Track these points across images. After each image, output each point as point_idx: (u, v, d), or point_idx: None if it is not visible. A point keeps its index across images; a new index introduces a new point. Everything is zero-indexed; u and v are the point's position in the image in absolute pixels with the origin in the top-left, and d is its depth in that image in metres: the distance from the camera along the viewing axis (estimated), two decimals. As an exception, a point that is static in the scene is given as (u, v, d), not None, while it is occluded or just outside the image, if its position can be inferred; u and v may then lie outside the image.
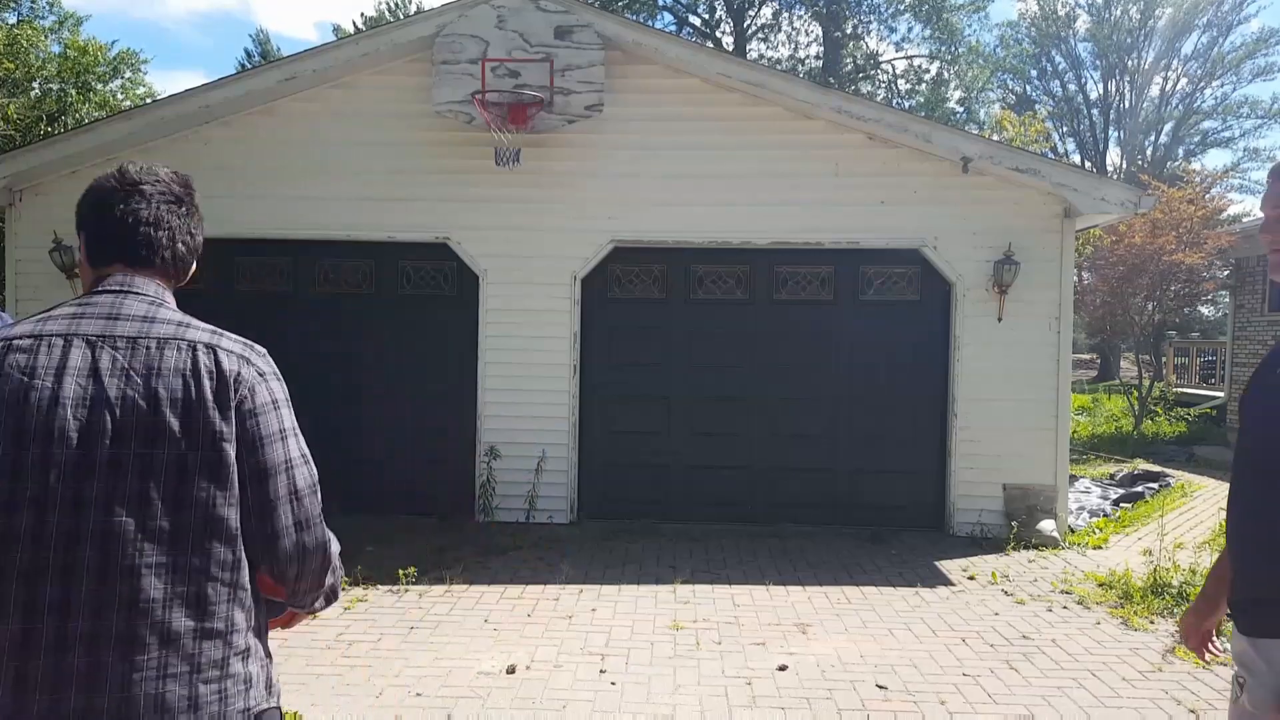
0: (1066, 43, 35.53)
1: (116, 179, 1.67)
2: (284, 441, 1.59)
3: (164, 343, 1.52)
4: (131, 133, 7.73)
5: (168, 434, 1.47)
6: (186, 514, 1.47)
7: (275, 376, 1.64)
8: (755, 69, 8.31)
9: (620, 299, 8.01)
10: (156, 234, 1.66)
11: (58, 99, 18.58)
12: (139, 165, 1.69)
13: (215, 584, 1.50)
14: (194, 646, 1.47)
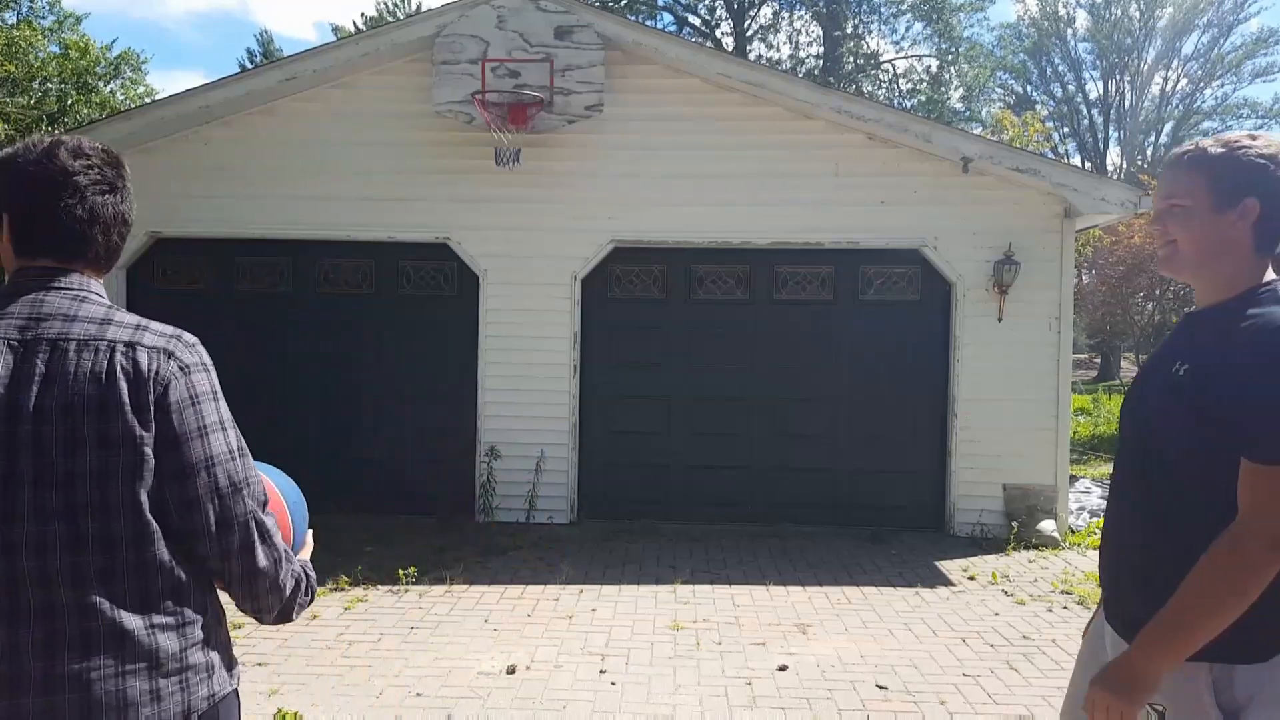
0: (1066, 43, 35.54)
1: (45, 165, 1.55)
2: (205, 438, 1.53)
3: (83, 345, 1.48)
4: (131, 133, 7.73)
5: (87, 443, 1.44)
6: (116, 519, 1.46)
7: (201, 368, 1.58)
8: (755, 69, 8.31)
9: (620, 299, 8.01)
10: (91, 230, 1.58)
11: (58, 99, 18.58)
12: (69, 145, 1.59)
13: (158, 581, 1.49)
14: (150, 642, 1.47)
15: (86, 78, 19.37)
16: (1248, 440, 1.65)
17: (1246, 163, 1.79)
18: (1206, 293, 1.88)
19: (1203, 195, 1.82)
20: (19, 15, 19.11)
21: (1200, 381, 1.73)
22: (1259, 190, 1.78)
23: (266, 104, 7.84)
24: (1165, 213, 1.89)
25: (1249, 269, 1.82)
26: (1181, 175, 1.87)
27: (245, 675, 4.48)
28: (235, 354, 7.96)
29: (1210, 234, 1.82)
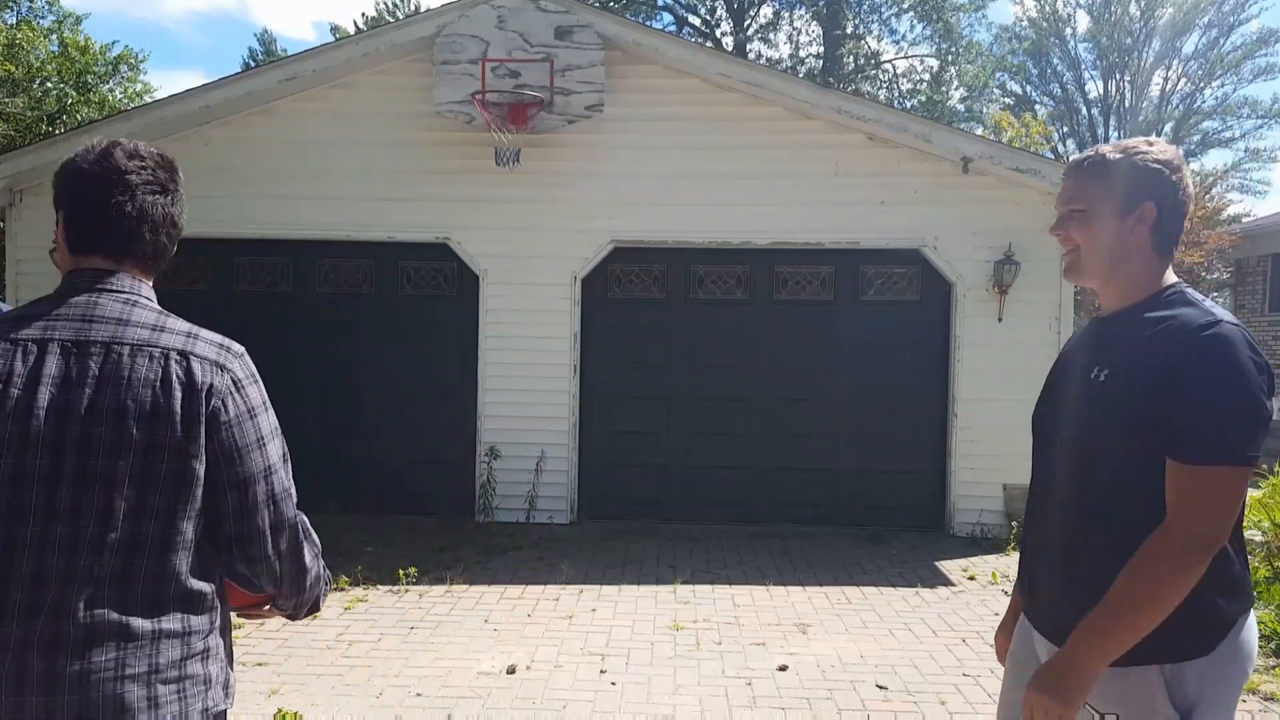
0: (1066, 42, 35.54)
1: (100, 164, 1.60)
2: (262, 449, 1.61)
3: (136, 350, 1.52)
4: (132, 133, 7.71)
5: (133, 446, 1.47)
6: (146, 524, 1.48)
7: (252, 380, 1.66)
8: (755, 69, 8.31)
9: (620, 299, 8.01)
10: (140, 228, 1.62)
11: (57, 99, 18.58)
12: (126, 147, 1.64)
13: (171, 589, 1.51)
14: (152, 648, 1.48)
15: (86, 77, 19.36)
16: (1173, 441, 1.67)
17: (1143, 168, 1.83)
18: (1113, 298, 1.90)
19: (1102, 201, 1.85)
20: (19, 15, 19.11)
21: (1121, 385, 1.75)
22: (1156, 195, 1.82)
23: (266, 104, 7.84)
24: (1067, 218, 1.91)
25: (1151, 272, 1.86)
26: (1082, 181, 1.89)
27: (245, 675, 4.48)
28: (235, 354, 7.97)
29: (1111, 238, 1.85)
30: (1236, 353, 1.66)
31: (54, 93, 18.80)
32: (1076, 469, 1.84)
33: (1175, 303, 1.79)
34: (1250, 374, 1.65)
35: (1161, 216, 1.82)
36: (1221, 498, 1.64)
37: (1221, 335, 1.67)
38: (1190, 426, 1.65)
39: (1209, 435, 1.64)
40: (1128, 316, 1.85)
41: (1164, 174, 1.82)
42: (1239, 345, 1.67)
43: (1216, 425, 1.64)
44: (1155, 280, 1.85)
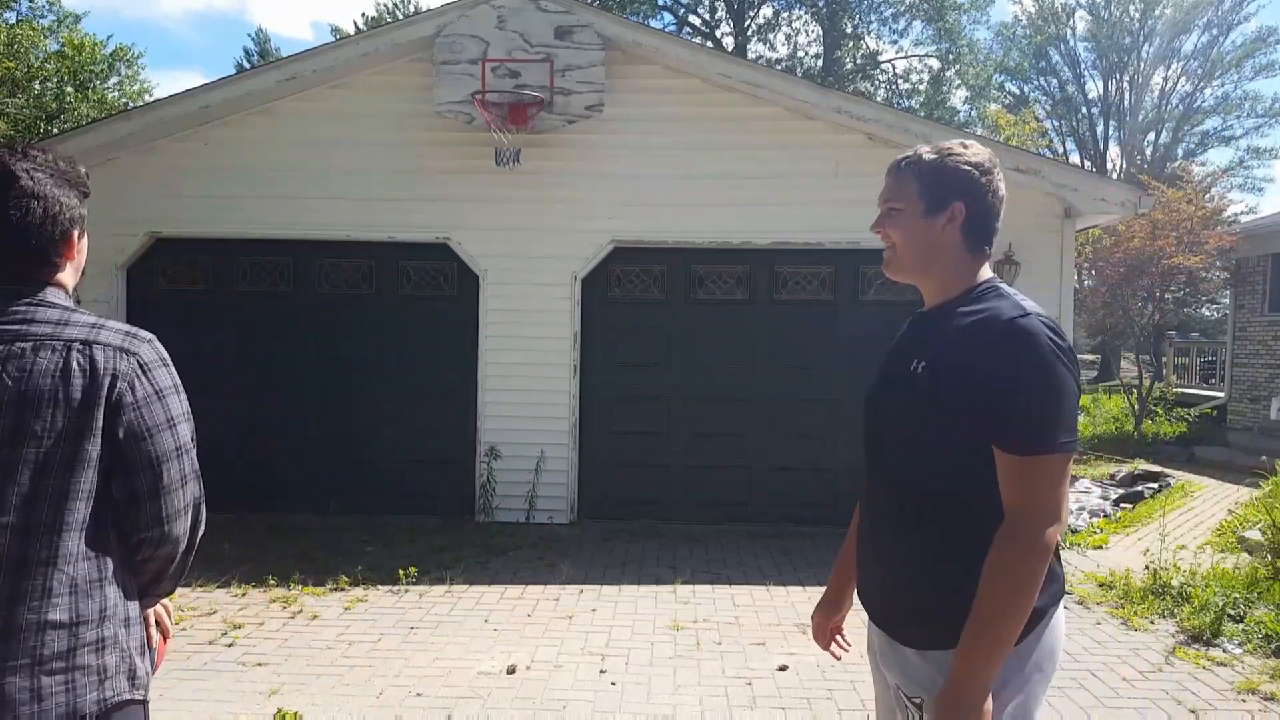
0: (1065, 42, 35.54)
1: None
2: (173, 429, 1.65)
3: (40, 343, 1.57)
4: (132, 132, 7.73)
5: (29, 435, 1.51)
6: (40, 511, 1.51)
7: (161, 363, 1.69)
8: (755, 69, 8.31)
9: (620, 299, 8.01)
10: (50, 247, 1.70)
11: (56, 98, 18.58)
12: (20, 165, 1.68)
13: (62, 578, 1.51)
14: (35, 639, 1.48)
15: (84, 75, 19.35)
16: (997, 433, 1.70)
17: (954, 169, 1.90)
18: (931, 293, 1.96)
19: (915, 200, 1.92)
20: (19, 15, 19.10)
21: (941, 378, 1.78)
22: (966, 195, 1.89)
23: (266, 104, 7.83)
24: (885, 216, 1.97)
25: (964, 269, 1.92)
26: (899, 180, 1.95)
27: (245, 675, 4.49)
28: (235, 354, 7.97)
29: (923, 236, 1.92)
30: (1042, 342, 1.71)
31: (53, 91, 18.79)
32: (898, 458, 1.88)
33: (987, 297, 1.85)
34: (1057, 362, 1.70)
35: (971, 216, 1.90)
36: (1051, 484, 1.68)
37: (1028, 326, 1.72)
38: (1010, 417, 1.68)
39: (1029, 425, 1.68)
40: (943, 311, 1.90)
41: (974, 175, 1.90)
42: (1044, 335, 1.72)
43: (1034, 414, 1.68)
44: (969, 276, 1.91)
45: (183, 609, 5.48)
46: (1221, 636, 5.16)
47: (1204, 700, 4.35)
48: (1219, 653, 4.98)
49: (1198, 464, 12.10)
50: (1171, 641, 5.16)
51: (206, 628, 5.18)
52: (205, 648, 4.87)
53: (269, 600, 5.69)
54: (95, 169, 7.80)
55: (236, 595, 5.77)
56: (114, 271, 7.82)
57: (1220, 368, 16.85)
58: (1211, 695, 4.41)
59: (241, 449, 7.87)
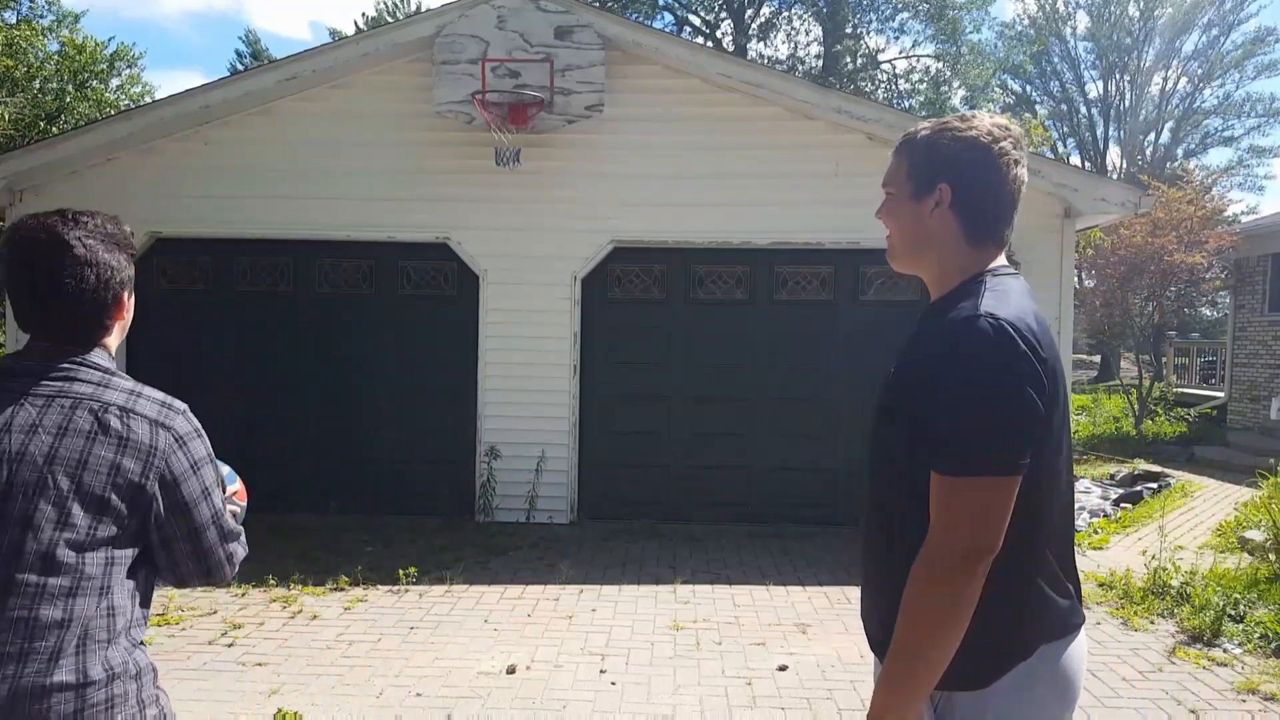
0: (1065, 42, 35.53)
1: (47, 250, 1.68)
2: (208, 499, 1.71)
3: (78, 402, 1.61)
4: (132, 133, 7.73)
5: (56, 491, 1.53)
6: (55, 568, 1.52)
7: (195, 435, 1.72)
8: (755, 69, 8.32)
9: (620, 299, 8.01)
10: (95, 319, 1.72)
11: (56, 98, 18.57)
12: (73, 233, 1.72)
13: (71, 639, 1.52)
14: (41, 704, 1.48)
15: (85, 76, 19.34)
16: (928, 448, 1.53)
17: (944, 146, 1.68)
18: (932, 286, 1.76)
19: (904, 182, 1.74)
20: (19, 14, 19.08)
21: (897, 383, 1.64)
22: (952, 175, 1.67)
23: (266, 104, 7.83)
24: (894, 200, 1.78)
25: (962, 259, 1.69)
26: (894, 161, 1.78)
27: (246, 675, 4.49)
28: (235, 354, 7.97)
29: (912, 223, 1.73)
30: (980, 348, 1.50)
31: (53, 91, 18.78)
32: (871, 469, 1.73)
33: (965, 294, 1.62)
34: (996, 372, 1.49)
35: (961, 198, 1.66)
36: (974, 509, 1.48)
37: (972, 329, 1.52)
38: (939, 433, 1.50)
39: (955, 443, 1.49)
40: (932, 309, 1.72)
41: (965, 152, 1.66)
42: (980, 343, 1.50)
43: (962, 433, 1.49)
44: (964, 269, 1.68)
45: (182, 609, 5.48)
46: (1222, 637, 5.16)
47: (1204, 700, 4.35)
48: (1219, 653, 4.98)
49: (1198, 464, 12.09)
50: (1171, 641, 5.16)
51: (206, 627, 5.18)
52: (205, 648, 4.87)
53: (269, 600, 5.69)
54: (95, 169, 7.83)
55: (236, 595, 5.77)
56: (114, 271, 7.81)
57: (1220, 368, 16.85)
58: (1212, 695, 4.41)
59: (241, 449, 7.81)
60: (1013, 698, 1.57)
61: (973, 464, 1.48)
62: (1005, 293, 1.61)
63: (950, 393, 1.51)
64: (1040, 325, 1.59)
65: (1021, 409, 1.49)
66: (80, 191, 7.83)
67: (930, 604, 1.50)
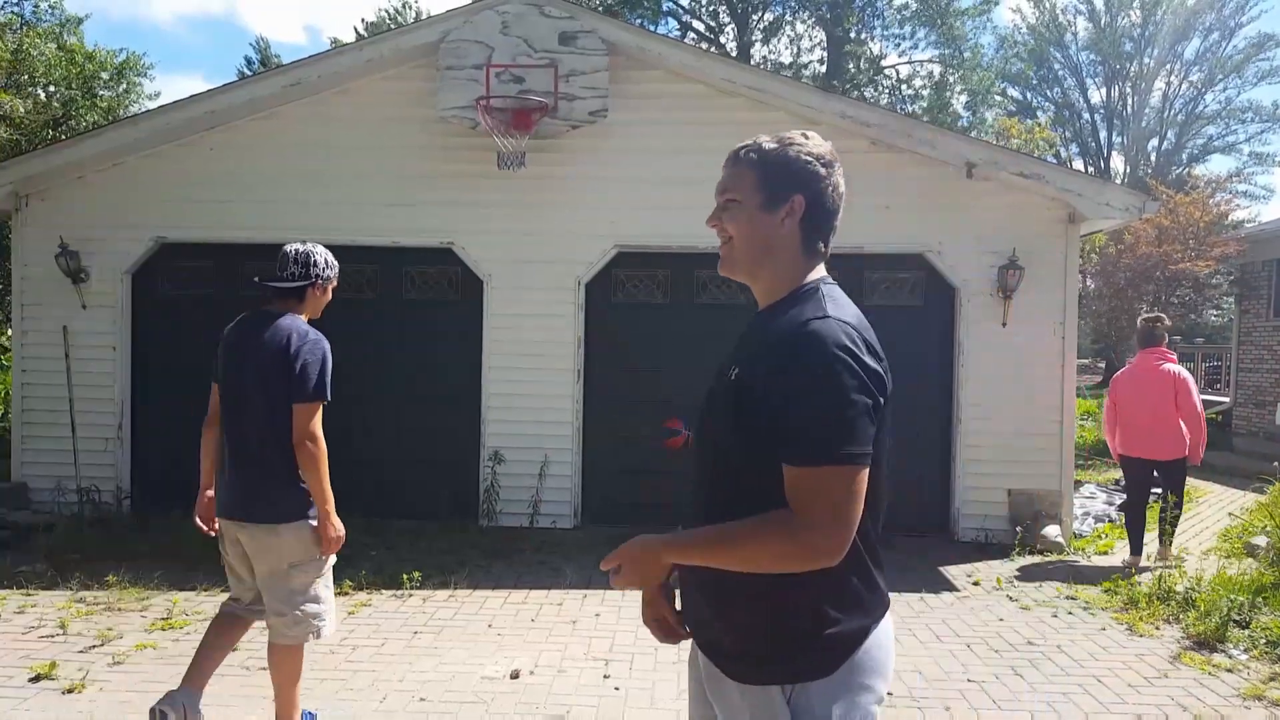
0: (1067, 49, 35.53)
1: None
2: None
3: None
4: (138, 138, 7.75)
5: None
6: None
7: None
8: (759, 75, 8.32)
9: (624, 303, 8.01)
10: None
11: (62, 104, 18.63)
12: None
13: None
14: None
15: (93, 83, 19.41)
16: (780, 442, 1.61)
17: (796, 160, 1.79)
18: (761, 293, 1.86)
19: (753, 191, 1.82)
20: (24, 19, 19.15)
21: (741, 384, 1.71)
22: (806, 188, 1.79)
23: (271, 110, 7.86)
24: (721, 209, 1.89)
25: (796, 268, 1.82)
26: (738, 171, 1.86)
27: (249, 680, 4.49)
28: (239, 358, 7.98)
29: (760, 231, 1.82)
30: (825, 347, 1.60)
31: (59, 97, 18.85)
32: (709, 468, 1.79)
33: (803, 299, 1.75)
34: (839, 369, 1.59)
35: (810, 211, 1.80)
36: (827, 498, 1.58)
37: (816, 330, 1.62)
38: (788, 427, 1.59)
39: (803, 436, 1.58)
40: (767, 314, 1.82)
41: (815, 168, 1.79)
42: (831, 342, 1.61)
43: (808, 425, 1.58)
44: (800, 276, 1.81)
45: (187, 613, 5.48)
46: (1227, 642, 5.14)
47: (1209, 706, 4.33)
48: (1224, 658, 4.96)
49: (1202, 469, 12.04)
50: (1177, 647, 5.15)
51: (210, 632, 5.17)
52: (209, 652, 4.87)
53: (273, 605, 5.68)
54: (101, 174, 7.87)
55: (240, 599, 5.77)
56: (120, 276, 7.84)
57: (1225, 373, 16.80)
58: (1217, 701, 4.40)
59: (246, 453, 7.88)
60: (854, 679, 1.68)
61: (826, 454, 1.57)
62: (840, 300, 1.76)
63: (802, 387, 1.60)
64: (868, 328, 1.77)
65: (864, 403, 1.61)
66: (86, 196, 7.86)
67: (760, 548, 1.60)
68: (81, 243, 7.70)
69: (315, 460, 3.88)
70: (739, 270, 1.89)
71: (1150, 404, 6.77)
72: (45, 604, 5.61)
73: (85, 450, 7.79)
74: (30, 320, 7.90)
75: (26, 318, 7.90)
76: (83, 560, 6.41)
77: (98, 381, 7.83)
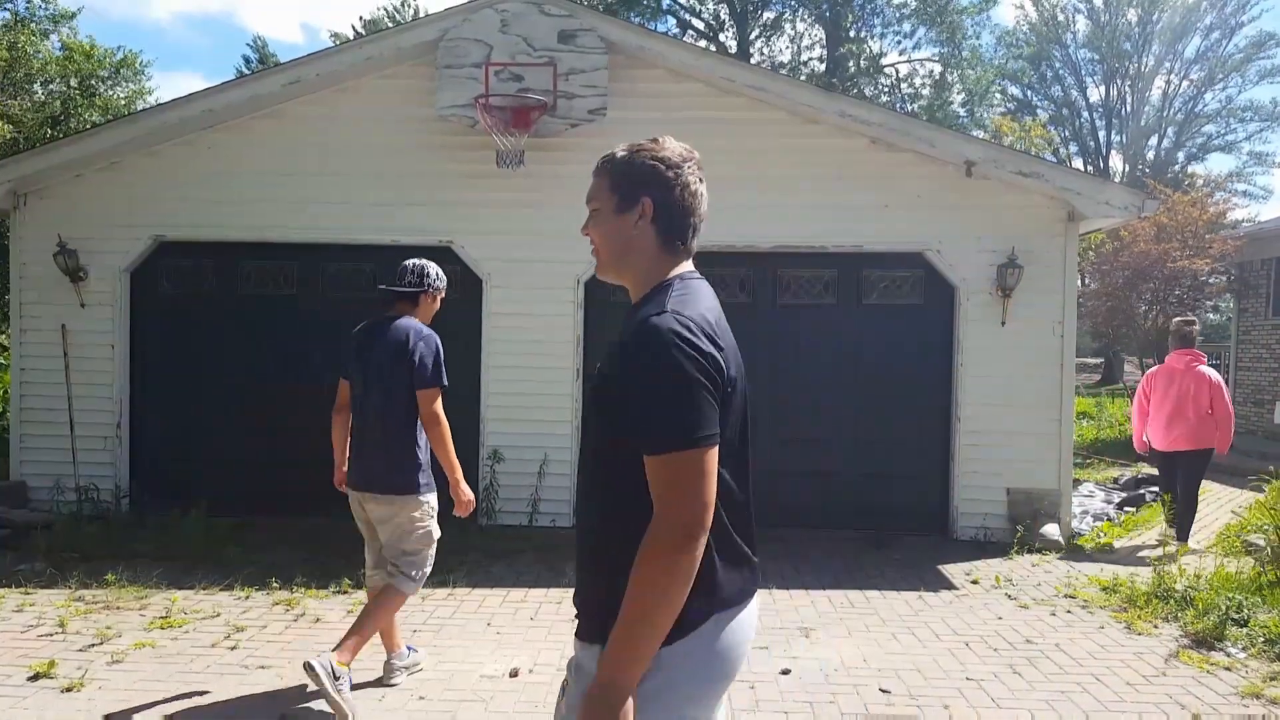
0: (1066, 47, 35.52)
1: None
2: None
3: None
4: (136, 137, 7.75)
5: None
6: None
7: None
8: (759, 73, 8.32)
9: (624, 302, 7.89)
10: None
11: (61, 102, 18.61)
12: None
13: None
14: None
15: (91, 81, 19.37)
16: (631, 433, 1.69)
17: (641, 165, 1.94)
18: (633, 293, 1.97)
19: (608, 197, 1.97)
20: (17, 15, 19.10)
21: (601, 379, 1.82)
22: (653, 191, 1.92)
23: (270, 108, 7.85)
24: (589, 217, 2.02)
25: (658, 267, 1.94)
26: (595, 179, 2.00)
27: (249, 679, 4.49)
28: (238, 357, 7.98)
29: (617, 234, 1.95)
30: (659, 339, 1.68)
31: (58, 96, 18.82)
32: (587, 458, 1.89)
33: (655, 295, 1.85)
34: (671, 358, 1.66)
35: (660, 211, 1.92)
36: (681, 483, 1.65)
37: (653, 324, 1.71)
38: (635, 419, 1.68)
39: (648, 424, 1.66)
40: (630, 312, 1.92)
41: (660, 170, 1.93)
42: (665, 334, 1.68)
43: (652, 416, 1.66)
44: (661, 274, 1.93)
45: (185, 611, 5.49)
46: (1225, 640, 5.15)
47: (1207, 705, 4.34)
48: (1223, 657, 4.97)
49: (1201, 468, 12.03)
50: (1175, 645, 5.15)
51: (209, 630, 5.18)
52: (208, 650, 4.87)
53: (272, 603, 5.69)
54: (100, 173, 7.86)
55: (240, 598, 5.78)
56: (118, 275, 7.83)
57: (1224, 372, 16.82)
58: (1215, 699, 4.40)
59: (245, 453, 7.88)
60: (682, 659, 1.73)
61: (677, 439, 1.65)
62: (689, 294, 1.86)
63: (645, 381, 1.69)
64: (718, 320, 1.85)
65: (704, 389, 1.68)
66: (85, 195, 7.85)
67: (656, 576, 1.63)
68: (80, 241, 7.69)
69: (442, 437, 4.60)
70: (609, 272, 2.01)
71: (1181, 401, 7.35)
72: (44, 602, 5.61)
73: (84, 449, 7.78)
74: (29, 319, 7.89)
75: (25, 316, 7.90)
76: (81, 559, 6.42)
77: (96, 380, 7.83)
